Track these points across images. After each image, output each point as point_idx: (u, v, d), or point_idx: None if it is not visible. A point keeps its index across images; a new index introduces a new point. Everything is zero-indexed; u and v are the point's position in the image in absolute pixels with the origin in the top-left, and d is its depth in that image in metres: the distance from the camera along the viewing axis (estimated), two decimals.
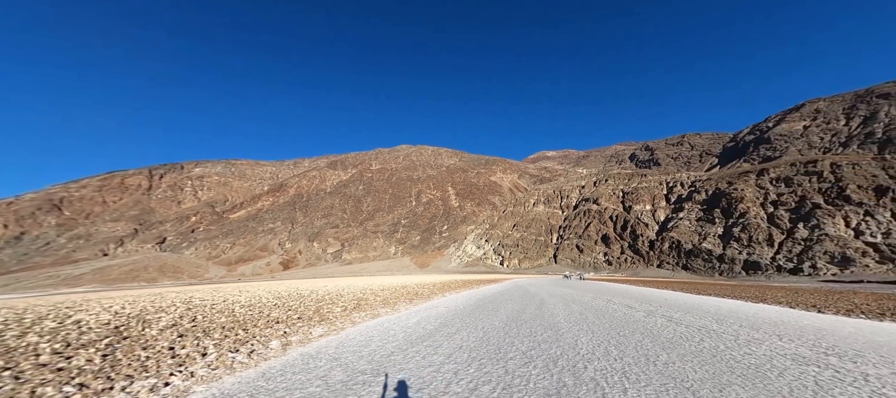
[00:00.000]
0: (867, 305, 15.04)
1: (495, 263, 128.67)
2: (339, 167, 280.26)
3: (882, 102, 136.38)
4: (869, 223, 76.47)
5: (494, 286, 28.52)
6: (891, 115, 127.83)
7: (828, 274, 68.77)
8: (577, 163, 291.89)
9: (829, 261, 72.23)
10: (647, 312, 10.34)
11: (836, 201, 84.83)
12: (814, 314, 11.63)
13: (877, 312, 12.65)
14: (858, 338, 7.11)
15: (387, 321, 9.41)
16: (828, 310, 12.97)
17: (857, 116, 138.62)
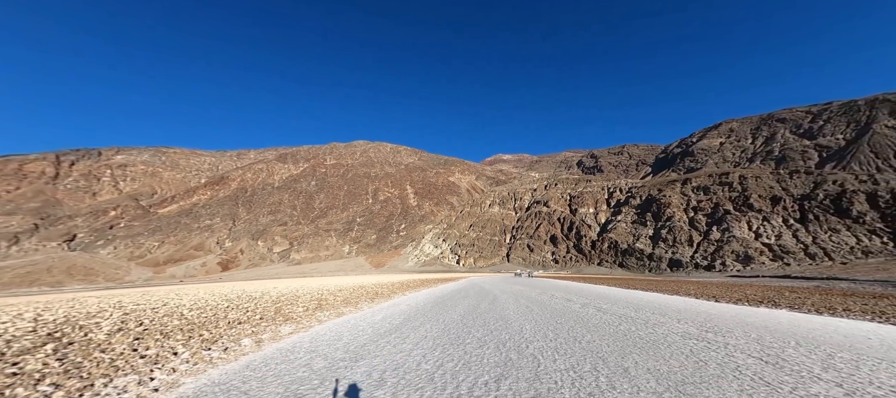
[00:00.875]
0: (754, 295, 18.52)
1: (452, 262, 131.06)
2: (290, 161, 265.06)
3: (780, 126, 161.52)
4: (765, 227, 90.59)
5: (452, 284, 29.65)
6: (785, 137, 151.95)
7: (734, 270, 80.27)
8: (531, 167, 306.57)
9: (735, 259, 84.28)
10: (582, 304, 12.05)
11: (742, 208, 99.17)
12: (711, 303, 14.24)
13: (757, 300, 15.78)
14: (735, 320, 9.16)
15: (353, 318, 9.90)
16: (723, 300, 15.87)
17: (761, 136, 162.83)
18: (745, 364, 4.72)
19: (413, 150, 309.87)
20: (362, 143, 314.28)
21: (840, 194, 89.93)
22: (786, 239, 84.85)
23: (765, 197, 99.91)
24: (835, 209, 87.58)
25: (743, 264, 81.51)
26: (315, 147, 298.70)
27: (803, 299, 16.63)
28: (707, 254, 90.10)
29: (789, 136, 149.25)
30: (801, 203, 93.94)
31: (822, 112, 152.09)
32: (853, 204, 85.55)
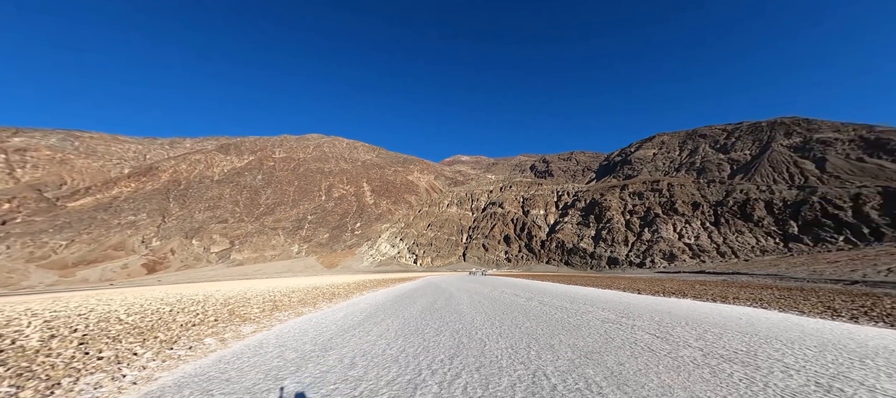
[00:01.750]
0: (670, 288, 21.62)
1: (409, 262, 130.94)
2: (233, 152, 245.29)
3: (701, 140, 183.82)
4: (687, 229, 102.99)
5: (409, 284, 30.23)
6: (705, 151, 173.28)
7: (661, 267, 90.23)
8: (488, 169, 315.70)
9: (662, 257, 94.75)
10: (527, 298, 13.48)
11: (669, 212, 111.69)
12: (634, 295, 16.56)
13: (671, 292, 18.57)
14: (647, 308, 11.02)
15: (314, 317, 10.19)
16: (645, 293, 18.43)
17: (687, 149, 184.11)
18: (642, 339, 6.10)
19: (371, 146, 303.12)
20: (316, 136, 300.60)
21: (745, 202, 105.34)
22: (703, 239, 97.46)
23: (687, 202, 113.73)
24: (741, 214, 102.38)
25: (668, 261, 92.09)
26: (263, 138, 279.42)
27: (707, 291, 19.88)
28: (639, 252, 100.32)
29: (709, 150, 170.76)
30: (715, 208, 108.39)
31: (735, 130, 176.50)
32: (755, 210, 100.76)
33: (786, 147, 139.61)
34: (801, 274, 53.12)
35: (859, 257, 60.82)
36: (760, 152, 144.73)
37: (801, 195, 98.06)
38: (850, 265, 55.22)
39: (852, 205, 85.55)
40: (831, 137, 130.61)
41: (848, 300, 15.17)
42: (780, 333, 6.87)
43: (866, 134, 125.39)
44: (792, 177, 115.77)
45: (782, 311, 11.03)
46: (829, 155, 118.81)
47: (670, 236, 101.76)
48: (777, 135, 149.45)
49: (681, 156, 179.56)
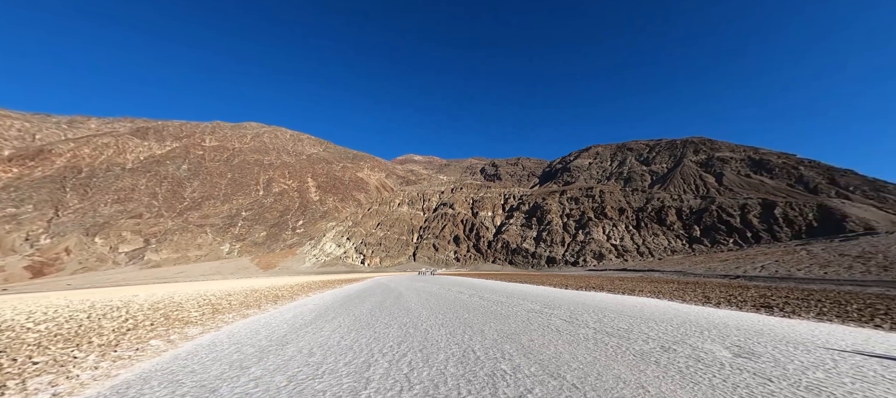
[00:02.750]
0: (594, 284, 24.68)
1: (356, 262, 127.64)
2: (152, 137, 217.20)
3: (629, 153, 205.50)
4: (614, 232, 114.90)
5: (357, 284, 30.15)
6: (631, 163, 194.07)
7: (591, 265, 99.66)
8: (440, 170, 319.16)
9: (592, 256, 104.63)
10: (469, 295, 14.83)
11: (600, 216, 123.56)
12: (562, 290, 18.87)
13: (593, 287, 21.35)
14: (568, 300, 12.93)
15: (262, 318, 10.29)
16: (571, 288, 20.97)
17: (617, 160, 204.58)
18: (554, 323, 7.58)
19: (318, 139, 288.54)
20: (255, 125, 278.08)
21: (661, 208, 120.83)
22: (626, 241, 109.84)
23: (615, 208, 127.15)
24: (657, 219, 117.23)
25: (598, 260, 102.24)
26: (190, 124, 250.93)
27: (621, 286, 23.16)
28: (574, 252, 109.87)
29: (634, 162, 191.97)
30: (637, 214, 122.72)
31: (655, 146, 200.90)
32: (668, 216, 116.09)
33: (694, 162, 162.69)
34: (700, 270, 62.93)
35: (743, 256, 73.50)
36: (674, 166, 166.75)
37: (703, 204, 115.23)
38: (736, 263, 66.58)
39: (740, 213, 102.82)
40: (728, 156, 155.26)
41: (723, 291, 18.98)
42: (658, 315, 8.90)
43: (753, 155, 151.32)
44: (697, 188, 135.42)
45: (671, 301, 13.72)
46: (726, 171, 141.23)
47: (600, 238, 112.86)
48: (688, 152, 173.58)
49: (611, 166, 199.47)
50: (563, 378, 3.86)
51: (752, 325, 7.81)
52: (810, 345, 5.95)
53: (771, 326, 7.83)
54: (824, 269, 53.29)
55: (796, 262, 60.24)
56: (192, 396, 3.60)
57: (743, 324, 7.89)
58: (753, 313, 10.57)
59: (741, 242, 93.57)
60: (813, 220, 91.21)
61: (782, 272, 53.89)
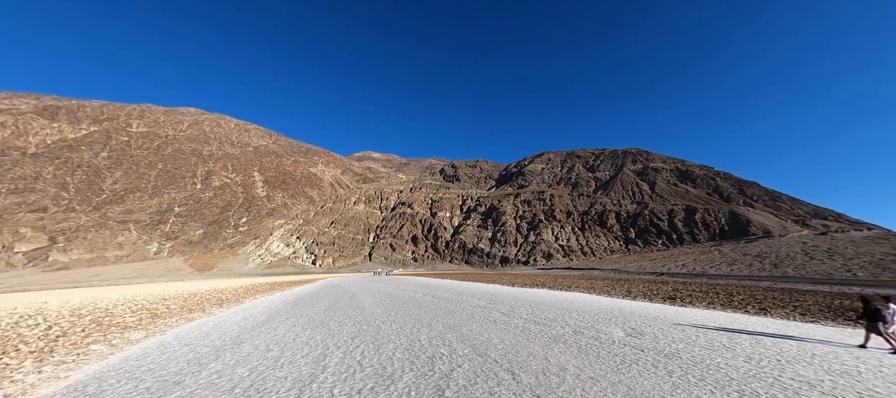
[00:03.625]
0: (538, 282, 26.71)
1: (306, 263, 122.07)
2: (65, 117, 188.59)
3: (577, 160, 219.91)
4: (562, 233, 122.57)
5: (308, 286, 29.34)
6: (579, 170, 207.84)
7: (541, 264, 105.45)
8: (399, 168, 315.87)
9: (542, 256, 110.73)
10: (423, 294, 15.60)
11: (549, 219, 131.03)
12: (508, 287, 20.40)
13: (536, 284, 23.21)
14: (510, 296, 14.25)
15: (209, 321, 10.13)
16: (517, 285, 22.65)
17: (566, 166, 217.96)
18: (494, 316, 8.64)
19: (266, 131, 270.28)
20: (194, 111, 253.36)
21: (603, 212, 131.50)
22: (572, 242, 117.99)
23: (563, 211, 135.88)
24: (599, 222, 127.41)
25: (547, 260, 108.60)
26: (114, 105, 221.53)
27: (561, 283, 25.40)
28: (525, 252, 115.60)
29: (581, 169, 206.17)
30: (582, 217, 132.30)
31: (600, 155, 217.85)
32: (609, 219, 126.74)
33: (632, 171, 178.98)
34: (633, 268, 69.84)
35: (669, 256, 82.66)
36: (615, 174, 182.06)
37: (638, 209, 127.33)
38: (662, 261, 74.75)
39: (668, 218, 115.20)
40: (660, 166, 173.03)
41: (645, 286, 21.72)
42: (581, 307, 10.40)
43: (680, 166, 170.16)
44: (634, 194, 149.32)
45: (598, 295, 15.66)
46: (658, 180, 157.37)
47: (549, 239, 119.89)
48: (627, 161, 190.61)
49: (562, 171, 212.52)
50: (488, 355, 4.79)
51: (652, 313, 9.53)
52: (688, 326, 7.60)
53: (666, 313, 9.62)
54: (731, 267, 61.96)
55: (710, 261, 69.25)
56: (158, 388, 3.91)
57: (646, 313, 9.59)
58: (660, 304, 12.63)
59: (668, 244, 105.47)
60: (725, 225, 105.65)
61: (698, 269, 61.70)
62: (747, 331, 7.21)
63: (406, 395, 3.58)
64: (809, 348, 5.77)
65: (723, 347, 5.71)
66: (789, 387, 3.96)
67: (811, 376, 4.33)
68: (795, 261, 58.20)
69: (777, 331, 7.17)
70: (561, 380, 3.94)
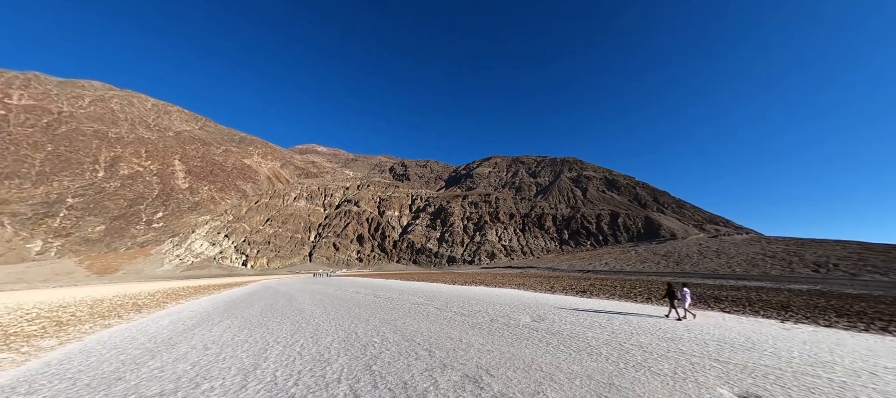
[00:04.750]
0: (478, 280, 28.49)
1: (236, 263, 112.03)
2: None
3: (521, 166, 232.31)
4: (505, 234, 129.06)
5: (240, 289, 27.51)
6: (522, 175, 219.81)
7: (485, 263, 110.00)
8: (346, 164, 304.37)
9: (486, 256, 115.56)
10: (366, 294, 16.12)
11: (494, 220, 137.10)
12: (449, 285, 21.69)
13: (476, 282, 24.87)
14: (448, 292, 15.45)
15: (131, 326, 9.63)
16: (458, 284, 24.09)
17: (511, 171, 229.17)
18: (429, 311, 9.65)
19: (192, 114, 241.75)
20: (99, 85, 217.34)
21: (541, 215, 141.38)
22: (514, 242, 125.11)
23: (507, 213, 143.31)
24: (538, 224, 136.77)
25: (490, 259, 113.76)
26: None
27: (499, 281, 27.45)
28: (471, 252, 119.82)
29: (524, 174, 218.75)
30: (523, 219, 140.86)
31: (541, 162, 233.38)
32: (546, 221, 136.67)
33: (568, 178, 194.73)
34: (564, 267, 76.62)
35: (595, 255, 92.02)
36: (554, 180, 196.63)
37: (572, 213, 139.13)
38: (589, 260, 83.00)
39: (596, 221, 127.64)
40: (591, 175, 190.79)
41: (569, 282, 24.50)
42: (504, 301, 11.92)
43: (608, 175, 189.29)
44: (569, 199, 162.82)
45: (525, 290, 17.59)
46: (589, 187, 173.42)
47: (493, 239, 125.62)
48: (564, 169, 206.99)
49: (507, 176, 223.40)
50: (414, 340, 5.75)
51: (561, 303, 11.35)
52: (584, 312, 9.36)
53: (573, 303, 11.51)
54: (643, 264, 71.10)
55: (628, 260, 78.67)
56: (98, 384, 4.16)
57: (557, 303, 11.38)
58: (572, 296, 14.79)
59: (595, 244, 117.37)
60: (641, 228, 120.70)
61: (618, 267, 69.80)
62: (625, 313, 9.18)
63: (339, 371, 4.35)
64: (646, 320, 7.73)
65: (598, 326, 7.38)
66: (624, 344, 5.54)
67: (633, 331, 6.03)
68: (692, 260, 68.88)
69: (645, 313, 9.26)
70: (465, 352, 5.04)
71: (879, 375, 4.46)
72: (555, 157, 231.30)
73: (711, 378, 4.17)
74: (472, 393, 3.65)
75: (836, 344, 6.38)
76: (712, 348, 5.63)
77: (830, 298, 15.54)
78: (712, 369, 4.52)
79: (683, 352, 5.40)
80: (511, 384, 3.85)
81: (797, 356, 5.31)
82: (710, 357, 5.09)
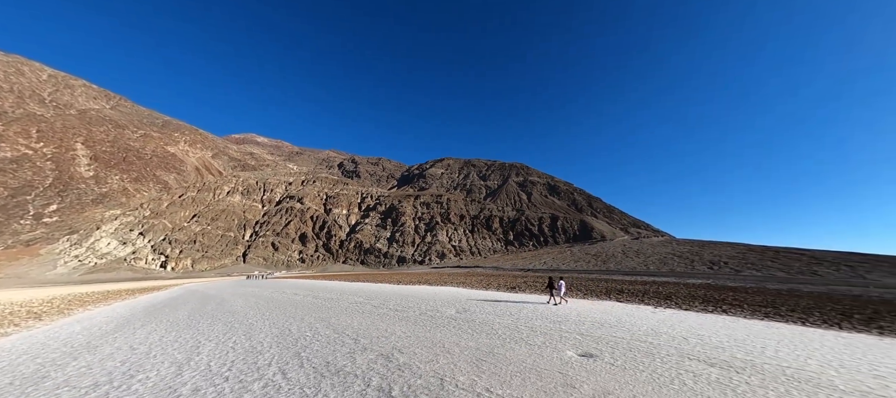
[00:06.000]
0: (423, 279, 29.45)
1: (153, 265, 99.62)
2: None
3: (472, 168, 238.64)
4: (455, 235, 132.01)
5: (160, 293, 24.58)
6: (473, 178, 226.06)
7: (435, 263, 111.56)
8: (290, 158, 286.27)
9: (436, 256, 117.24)
10: (305, 296, 16.19)
11: (445, 221, 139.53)
12: (393, 285, 22.37)
13: (421, 282, 25.82)
14: (392, 292, 16.17)
15: (38, 333, 8.92)
16: (403, 283, 24.82)
17: (463, 173, 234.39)
18: (366, 309, 10.36)
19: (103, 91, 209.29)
20: None
21: (490, 217, 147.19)
22: (463, 243, 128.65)
23: (458, 214, 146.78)
24: (486, 226, 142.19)
25: (440, 259, 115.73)
26: None
27: (444, 280, 28.71)
28: (422, 252, 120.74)
29: (475, 177, 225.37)
30: (473, 220, 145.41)
31: (491, 165, 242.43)
32: (494, 223, 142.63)
33: (515, 183, 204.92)
34: (508, 266, 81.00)
35: (536, 255, 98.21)
36: (502, 183, 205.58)
37: (517, 215, 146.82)
38: (531, 260, 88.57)
39: (538, 224, 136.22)
40: (536, 180, 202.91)
41: (505, 280, 26.50)
42: (441, 297, 13.03)
43: (550, 181, 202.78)
44: (515, 203, 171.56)
45: (464, 288, 18.95)
46: (534, 191, 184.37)
47: (444, 240, 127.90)
48: (512, 174, 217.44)
49: (459, 177, 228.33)
50: (345, 333, 6.50)
51: (490, 298, 12.76)
52: (503, 303, 10.76)
53: (500, 297, 13.00)
54: (576, 263, 77.81)
55: (564, 259, 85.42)
56: (21, 383, 4.27)
57: (485, 298, 12.77)
58: (504, 292, 16.44)
59: (537, 245, 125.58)
60: (577, 230, 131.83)
61: (555, 266, 75.61)
62: (536, 303, 10.80)
63: (271, 359, 4.96)
64: (550, 308, 9.37)
65: (508, 314, 8.76)
66: (520, 326, 6.88)
67: (533, 316, 7.48)
68: (617, 259, 77.18)
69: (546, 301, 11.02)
70: (387, 339, 5.94)
71: (689, 340, 6.28)
72: (504, 162, 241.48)
73: (568, 345, 5.60)
74: (383, 365, 4.55)
75: (679, 321, 8.46)
76: (585, 327, 7.22)
77: (709, 290, 19.22)
78: (573, 340, 5.99)
79: (561, 329, 6.89)
80: (415, 357, 4.82)
81: (643, 330, 7.07)
82: (578, 332, 6.61)
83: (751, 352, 5.51)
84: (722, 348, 5.70)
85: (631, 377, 4.10)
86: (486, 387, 3.72)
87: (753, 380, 4.15)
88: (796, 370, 4.63)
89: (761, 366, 4.76)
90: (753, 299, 14.36)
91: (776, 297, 15.18)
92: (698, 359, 4.99)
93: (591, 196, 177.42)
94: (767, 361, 4.98)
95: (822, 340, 6.77)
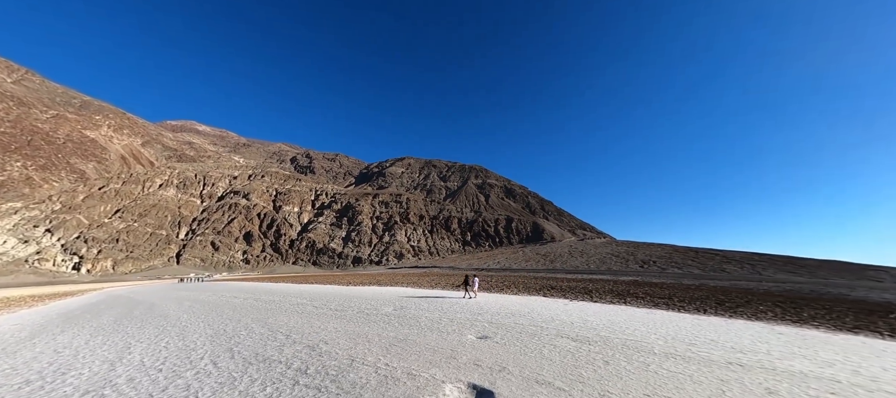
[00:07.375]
0: (379, 280, 29.79)
1: (64, 267, 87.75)
2: None
3: (433, 169, 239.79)
4: (414, 235, 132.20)
5: (73, 299, 22.08)
6: (434, 178, 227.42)
7: (393, 264, 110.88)
8: (235, 149, 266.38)
9: (394, 256, 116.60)
10: (244, 299, 16.05)
11: (404, 221, 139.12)
12: (342, 287, 22.60)
13: (376, 283, 26.20)
14: (338, 293, 16.57)
15: None
16: (353, 285, 25.06)
17: (424, 173, 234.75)
18: (307, 310, 10.85)
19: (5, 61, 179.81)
20: None
21: (449, 218, 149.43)
22: (422, 243, 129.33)
23: (417, 215, 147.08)
24: (445, 226, 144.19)
25: (398, 259, 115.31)
26: None
27: (397, 281, 29.32)
28: (379, 252, 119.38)
29: (436, 178, 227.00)
30: (432, 221, 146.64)
31: (452, 167, 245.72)
32: (453, 224, 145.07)
33: (474, 185, 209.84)
34: (464, 266, 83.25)
35: (491, 255, 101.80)
36: (462, 185, 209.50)
37: (475, 216, 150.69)
38: (486, 260, 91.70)
39: (495, 225, 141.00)
40: (494, 183, 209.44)
41: (455, 279, 27.71)
42: (383, 296, 13.81)
43: (507, 184, 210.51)
44: (473, 204, 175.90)
45: (411, 287, 19.82)
46: (491, 194, 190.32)
47: (402, 240, 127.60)
48: (471, 176, 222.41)
49: (419, 177, 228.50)
50: (279, 331, 7.09)
51: (430, 295, 13.78)
52: (439, 300, 11.82)
53: (437, 294, 14.07)
54: (527, 263, 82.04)
55: (516, 259, 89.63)
56: None
57: (425, 295, 13.77)
58: (449, 290, 17.59)
59: (493, 245, 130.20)
60: (529, 232, 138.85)
61: (508, 265, 79.18)
62: (468, 298, 12.04)
63: (204, 354, 5.46)
64: (474, 302, 10.65)
65: (437, 308, 9.83)
66: (441, 317, 7.95)
67: (455, 309, 8.62)
68: (563, 259, 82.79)
69: (482, 298, 12.34)
70: (318, 334, 6.67)
71: (574, 325, 7.76)
72: (464, 164, 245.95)
73: (473, 330, 6.77)
74: (307, 353, 5.31)
75: (580, 310, 10.11)
76: (498, 317, 8.49)
77: (631, 286, 21.98)
78: (480, 327, 7.18)
79: (476, 319, 8.09)
80: (337, 346, 5.64)
81: (543, 318, 8.50)
82: (488, 321, 7.85)
83: (614, 331, 7.08)
84: (594, 329, 7.21)
85: (504, 350, 5.31)
86: (386, 363, 4.66)
87: (595, 348, 5.57)
88: (635, 341, 6.19)
89: (611, 339, 6.27)
90: (660, 293, 16.96)
91: (681, 291, 18.03)
92: (569, 337, 6.39)
93: (543, 199, 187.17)
94: (618, 336, 6.53)
95: (680, 322, 8.66)
